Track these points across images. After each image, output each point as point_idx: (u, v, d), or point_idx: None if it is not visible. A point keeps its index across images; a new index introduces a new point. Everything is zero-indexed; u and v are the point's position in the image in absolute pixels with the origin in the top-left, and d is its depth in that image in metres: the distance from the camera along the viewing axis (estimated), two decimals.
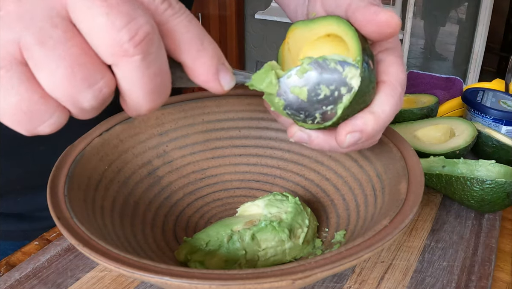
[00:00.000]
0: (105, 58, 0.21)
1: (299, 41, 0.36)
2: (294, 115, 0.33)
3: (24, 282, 0.39)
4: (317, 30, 0.35)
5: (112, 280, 0.40)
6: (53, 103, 0.22)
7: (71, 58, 0.20)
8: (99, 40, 0.21)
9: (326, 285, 0.40)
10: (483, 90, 0.70)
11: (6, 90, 0.20)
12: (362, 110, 0.33)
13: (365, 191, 0.41)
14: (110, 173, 0.41)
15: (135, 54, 0.21)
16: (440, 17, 2.63)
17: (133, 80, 0.22)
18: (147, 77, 0.22)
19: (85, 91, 0.21)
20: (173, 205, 0.45)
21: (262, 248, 0.38)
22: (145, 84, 0.22)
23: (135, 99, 0.23)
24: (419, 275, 0.41)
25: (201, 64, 0.25)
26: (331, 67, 0.31)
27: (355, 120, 0.32)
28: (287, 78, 0.32)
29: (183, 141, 0.47)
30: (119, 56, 0.21)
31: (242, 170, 0.49)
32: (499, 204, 0.47)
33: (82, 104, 0.22)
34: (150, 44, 0.21)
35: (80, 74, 0.21)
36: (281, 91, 0.32)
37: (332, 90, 0.31)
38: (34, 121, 0.22)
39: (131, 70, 0.22)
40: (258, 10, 3.04)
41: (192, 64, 0.25)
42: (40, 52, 0.20)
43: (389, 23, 0.31)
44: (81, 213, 0.33)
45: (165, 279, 0.26)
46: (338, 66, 0.31)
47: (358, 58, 0.31)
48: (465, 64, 2.57)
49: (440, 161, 0.52)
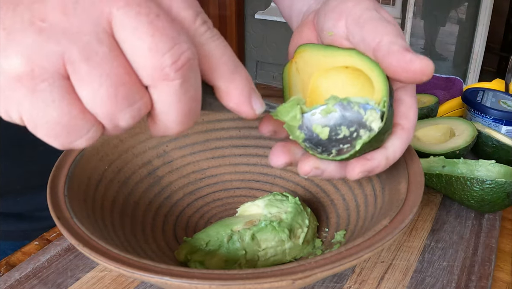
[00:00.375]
0: (144, 79, 0.22)
1: (310, 64, 0.35)
2: (312, 148, 0.34)
3: (24, 282, 0.39)
4: (335, 59, 0.34)
5: (112, 280, 0.40)
6: (92, 118, 0.22)
7: (115, 77, 0.21)
8: (141, 61, 0.21)
9: (326, 285, 0.40)
10: (483, 90, 0.70)
11: (47, 104, 0.20)
12: (376, 150, 0.33)
13: (365, 191, 0.41)
14: (110, 173, 0.41)
15: (175, 78, 0.21)
16: (440, 17, 2.63)
17: (169, 103, 0.22)
18: (183, 102, 0.22)
19: (124, 110, 0.21)
20: (173, 205, 0.45)
21: (262, 248, 0.38)
22: (180, 108, 0.23)
23: (167, 121, 0.23)
24: (419, 275, 0.41)
25: (234, 87, 0.25)
26: (354, 110, 0.32)
27: (369, 162, 0.33)
28: (311, 115, 0.33)
29: (183, 141, 0.47)
30: (159, 79, 0.21)
31: (242, 170, 0.49)
32: (499, 204, 0.47)
33: (119, 122, 0.22)
34: (190, 70, 0.22)
35: (122, 93, 0.21)
36: (303, 126, 0.33)
37: (352, 132, 0.32)
38: (72, 136, 0.22)
39: (169, 94, 0.22)
40: (258, 10, 3.05)
41: (226, 88, 0.25)
42: (85, 68, 0.20)
43: (424, 71, 0.30)
44: (81, 213, 0.33)
45: (165, 279, 0.26)
46: (361, 110, 0.32)
47: (385, 99, 0.31)
48: (465, 64, 2.57)
49: (440, 161, 0.52)
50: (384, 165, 0.33)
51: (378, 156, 0.33)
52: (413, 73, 0.30)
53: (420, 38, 2.71)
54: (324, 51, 0.35)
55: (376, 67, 0.32)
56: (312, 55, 0.35)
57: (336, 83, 0.35)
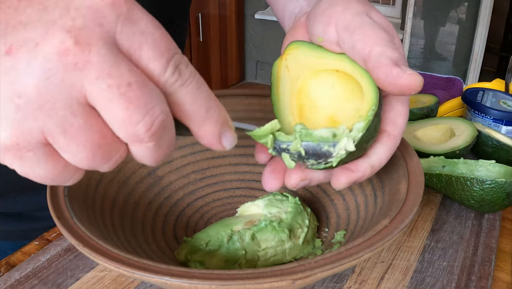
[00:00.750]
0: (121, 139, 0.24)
1: (301, 64, 0.35)
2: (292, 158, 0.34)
3: (24, 282, 0.39)
4: (326, 62, 0.34)
5: (112, 280, 0.40)
6: (74, 168, 0.24)
7: (91, 143, 0.23)
8: (117, 128, 0.23)
9: (326, 285, 0.40)
10: (483, 90, 0.70)
11: (33, 167, 0.23)
12: (360, 159, 0.33)
13: (365, 191, 0.41)
14: (110, 173, 0.41)
15: (149, 141, 0.23)
16: (440, 17, 2.64)
17: (144, 155, 0.25)
18: (157, 154, 0.25)
19: (104, 164, 0.24)
20: (173, 205, 0.45)
21: (262, 248, 0.38)
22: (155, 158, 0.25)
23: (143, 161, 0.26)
24: (419, 275, 0.41)
25: (205, 131, 0.26)
26: (323, 150, 0.32)
27: (353, 174, 0.33)
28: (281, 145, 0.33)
29: (183, 141, 0.47)
30: (135, 142, 0.23)
31: (242, 170, 0.49)
32: (499, 204, 0.47)
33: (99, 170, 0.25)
34: (164, 130, 0.24)
35: (99, 155, 0.23)
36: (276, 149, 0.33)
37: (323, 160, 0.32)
38: (59, 182, 0.25)
39: (144, 151, 0.24)
40: (258, 10, 3.05)
41: (197, 131, 0.26)
42: (63, 140, 0.22)
43: (411, 86, 0.30)
44: (81, 213, 0.33)
45: (165, 279, 0.26)
46: (331, 148, 0.32)
47: (374, 108, 0.31)
48: (465, 64, 2.57)
49: (440, 161, 0.52)
50: (370, 172, 0.33)
51: (362, 166, 0.33)
52: (400, 87, 0.30)
53: (420, 38, 2.72)
54: (315, 52, 0.35)
55: (367, 75, 0.32)
56: (304, 54, 0.35)
57: (326, 86, 0.35)
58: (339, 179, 0.33)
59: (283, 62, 0.36)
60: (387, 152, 0.34)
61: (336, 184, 0.34)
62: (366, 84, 0.32)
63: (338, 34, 0.33)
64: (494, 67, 2.91)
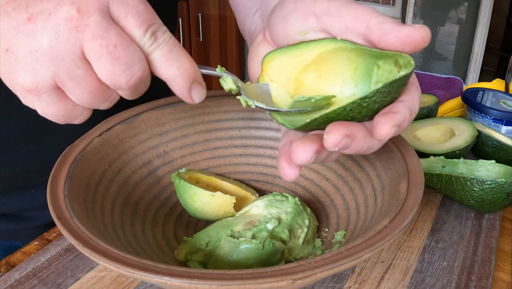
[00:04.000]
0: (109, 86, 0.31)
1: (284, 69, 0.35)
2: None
3: (24, 282, 0.39)
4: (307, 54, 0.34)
5: (112, 280, 0.40)
6: (81, 108, 0.31)
7: (91, 88, 0.30)
8: (104, 78, 0.30)
9: (326, 285, 0.40)
10: (483, 90, 0.70)
11: (48, 105, 0.30)
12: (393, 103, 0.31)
13: (365, 191, 0.41)
14: (110, 173, 0.41)
15: (128, 89, 0.31)
16: (440, 17, 2.63)
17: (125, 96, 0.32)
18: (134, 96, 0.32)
19: (102, 103, 0.31)
20: (173, 205, 0.45)
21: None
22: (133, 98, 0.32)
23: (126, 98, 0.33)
24: (419, 275, 0.41)
25: (176, 84, 0.32)
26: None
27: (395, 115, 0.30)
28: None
29: (183, 142, 0.47)
30: (117, 89, 0.31)
31: (242, 170, 0.49)
32: (499, 204, 0.47)
33: (100, 108, 0.32)
34: (140, 83, 0.30)
35: (98, 96, 0.30)
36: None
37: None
38: (70, 119, 0.32)
39: (124, 94, 0.32)
40: None
41: (170, 84, 0.32)
42: (70, 84, 0.29)
43: (424, 39, 0.30)
44: (81, 213, 0.33)
45: (165, 279, 0.26)
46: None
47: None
48: (465, 64, 2.57)
49: (440, 161, 0.52)
50: (409, 116, 0.30)
51: (400, 107, 0.30)
52: (415, 43, 0.30)
53: None
54: (292, 52, 0.34)
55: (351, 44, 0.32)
56: (282, 60, 0.35)
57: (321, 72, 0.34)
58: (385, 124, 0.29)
59: (266, 78, 0.36)
60: (415, 96, 0.31)
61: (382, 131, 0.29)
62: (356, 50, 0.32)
63: (320, 22, 0.33)
64: (494, 67, 2.91)
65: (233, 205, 0.42)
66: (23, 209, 0.55)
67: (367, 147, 0.31)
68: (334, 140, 0.29)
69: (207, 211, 0.42)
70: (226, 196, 0.42)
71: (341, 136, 0.29)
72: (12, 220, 0.56)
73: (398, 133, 0.31)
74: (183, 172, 0.45)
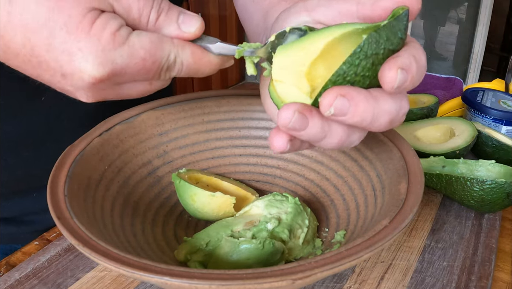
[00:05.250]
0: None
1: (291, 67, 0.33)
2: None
3: (24, 282, 0.39)
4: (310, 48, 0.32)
5: (112, 280, 0.40)
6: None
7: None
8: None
9: (326, 285, 0.40)
10: (483, 90, 0.70)
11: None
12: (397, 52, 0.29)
13: (365, 191, 0.41)
14: (110, 173, 0.41)
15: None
16: (440, 17, 2.64)
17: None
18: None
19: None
20: (173, 205, 0.45)
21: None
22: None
23: None
24: (419, 275, 0.41)
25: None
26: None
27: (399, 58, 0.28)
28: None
29: (183, 142, 0.47)
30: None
31: (242, 170, 0.49)
32: (499, 204, 0.47)
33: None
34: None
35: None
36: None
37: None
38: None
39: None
40: None
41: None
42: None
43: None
44: (81, 213, 0.33)
45: (165, 279, 0.26)
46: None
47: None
48: (465, 64, 2.57)
49: (440, 161, 0.52)
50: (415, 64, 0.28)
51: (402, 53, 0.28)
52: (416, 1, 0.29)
53: (420, 38, 2.71)
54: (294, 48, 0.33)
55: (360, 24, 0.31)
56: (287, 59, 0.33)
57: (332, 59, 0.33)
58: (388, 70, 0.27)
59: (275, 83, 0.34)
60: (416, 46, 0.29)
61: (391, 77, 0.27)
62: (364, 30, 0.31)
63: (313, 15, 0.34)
64: (494, 67, 2.91)
65: (233, 205, 0.42)
66: (24, 213, 0.55)
67: (372, 113, 0.28)
68: (328, 101, 0.28)
69: (207, 211, 0.42)
70: (226, 196, 0.42)
71: (334, 95, 0.27)
72: (13, 224, 0.55)
73: (408, 82, 0.28)
74: (183, 172, 0.45)
